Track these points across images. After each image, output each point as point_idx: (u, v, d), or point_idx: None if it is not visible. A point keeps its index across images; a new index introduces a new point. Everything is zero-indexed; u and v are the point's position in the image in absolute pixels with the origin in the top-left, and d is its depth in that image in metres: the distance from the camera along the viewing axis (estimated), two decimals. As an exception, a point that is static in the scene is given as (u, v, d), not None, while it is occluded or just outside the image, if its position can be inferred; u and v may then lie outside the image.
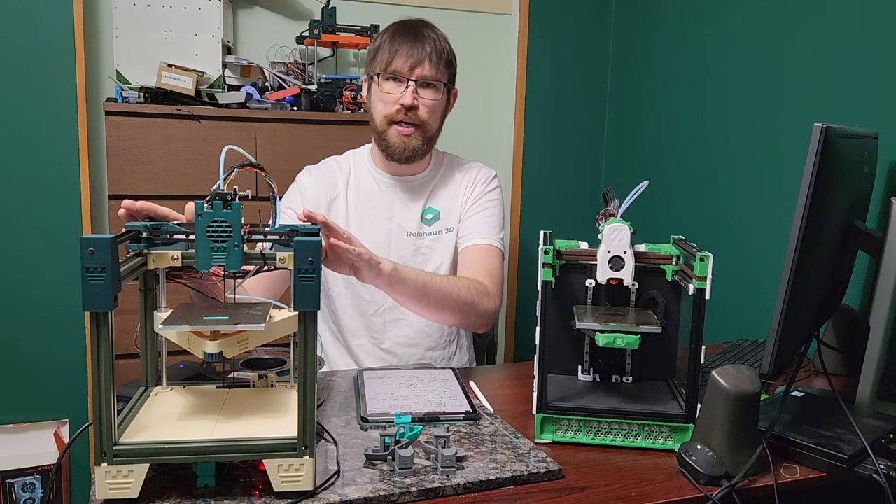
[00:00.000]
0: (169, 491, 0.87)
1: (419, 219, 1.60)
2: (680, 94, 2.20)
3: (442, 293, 1.41)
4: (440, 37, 1.54)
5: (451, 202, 1.62)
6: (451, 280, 1.46)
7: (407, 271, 1.35)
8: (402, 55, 1.48)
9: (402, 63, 1.48)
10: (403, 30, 1.51)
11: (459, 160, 1.68)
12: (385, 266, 1.28)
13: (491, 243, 1.58)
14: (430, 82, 1.50)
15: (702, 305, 1.04)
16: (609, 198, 1.15)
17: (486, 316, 1.49)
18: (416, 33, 1.51)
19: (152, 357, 1.03)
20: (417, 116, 1.50)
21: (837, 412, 1.13)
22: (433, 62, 1.49)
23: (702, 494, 0.95)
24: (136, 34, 2.03)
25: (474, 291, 1.46)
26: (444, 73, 1.53)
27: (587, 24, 2.60)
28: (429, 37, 1.51)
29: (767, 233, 1.83)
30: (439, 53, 1.51)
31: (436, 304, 1.41)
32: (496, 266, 1.57)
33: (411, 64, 1.48)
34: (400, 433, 0.98)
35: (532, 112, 2.60)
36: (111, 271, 0.78)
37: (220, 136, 2.01)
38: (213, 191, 0.87)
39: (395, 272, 1.31)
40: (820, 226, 1.03)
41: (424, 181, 1.62)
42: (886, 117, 1.50)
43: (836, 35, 1.64)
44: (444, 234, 1.60)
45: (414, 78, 1.48)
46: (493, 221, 1.60)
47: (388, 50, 1.50)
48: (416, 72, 1.48)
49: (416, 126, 1.51)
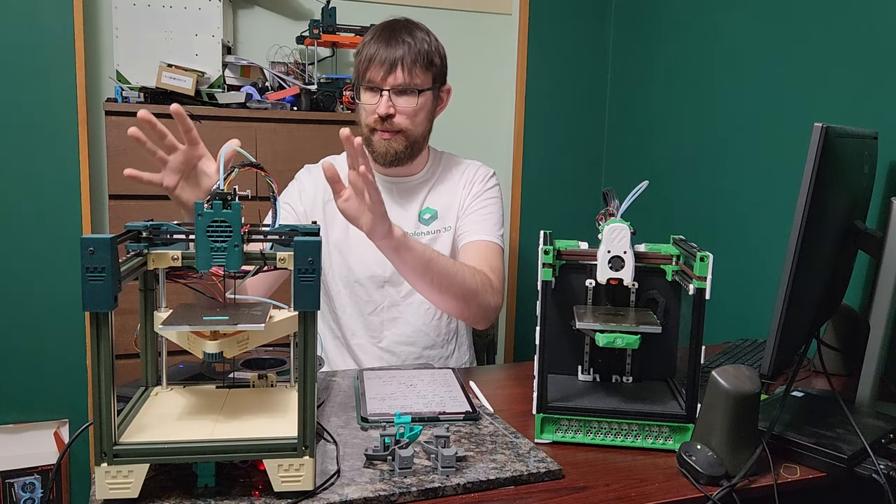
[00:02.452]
0: (169, 491, 0.87)
1: (416, 219, 1.59)
2: (680, 93, 2.20)
3: (447, 272, 1.39)
4: (419, 38, 1.49)
5: (449, 201, 1.61)
6: (458, 264, 1.44)
7: (415, 242, 1.34)
8: (376, 64, 1.46)
9: (375, 72, 1.47)
10: (381, 35, 1.49)
11: (457, 159, 1.68)
12: (396, 229, 1.28)
13: (491, 240, 1.57)
14: (405, 89, 1.47)
15: (702, 305, 1.04)
16: (609, 198, 1.15)
17: (488, 309, 1.47)
18: (392, 38, 1.47)
19: (152, 357, 1.03)
20: (395, 125, 1.48)
21: (837, 412, 1.13)
22: (406, 68, 1.46)
23: (702, 494, 0.95)
24: (136, 34, 2.03)
25: (479, 281, 1.44)
26: (421, 76, 1.49)
27: (587, 24, 2.60)
28: (403, 41, 1.47)
29: (767, 233, 1.83)
30: (414, 57, 1.47)
31: (439, 284, 1.38)
32: (498, 262, 1.56)
33: (383, 73, 1.46)
34: (400, 433, 0.98)
35: (532, 112, 2.60)
36: (111, 271, 0.78)
37: (220, 136, 2.00)
38: (213, 191, 0.87)
39: (404, 237, 1.30)
40: (820, 226, 1.03)
41: (422, 181, 1.61)
42: (886, 117, 1.50)
43: (836, 35, 1.64)
44: (441, 233, 1.60)
45: (387, 87, 1.46)
46: (493, 219, 1.60)
47: (364, 58, 1.49)
48: (389, 80, 1.46)
49: (396, 132, 1.50)
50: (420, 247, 1.34)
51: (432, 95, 1.53)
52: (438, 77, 1.54)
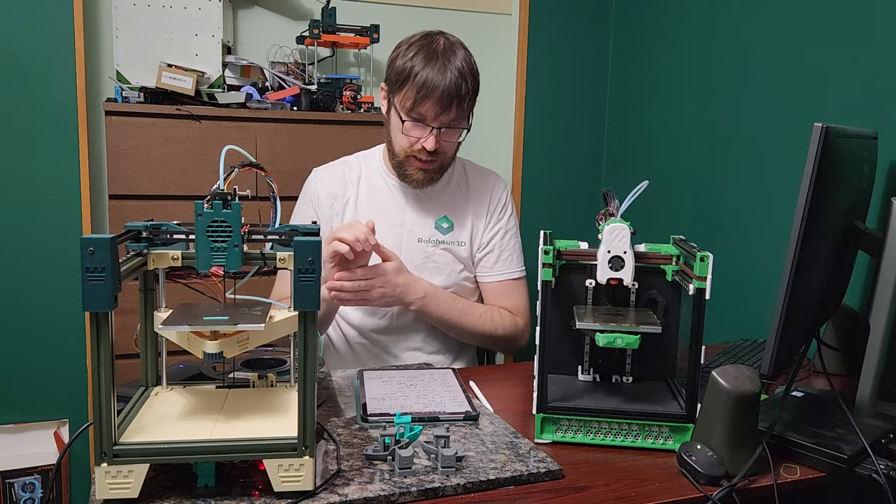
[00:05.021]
0: (169, 491, 0.87)
1: (433, 226, 1.59)
2: (680, 93, 2.20)
3: (472, 332, 1.54)
4: (469, 67, 1.44)
5: (464, 215, 1.61)
6: (485, 316, 1.54)
7: (434, 306, 1.46)
8: (432, 100, 1.40)
9: (429, 108, 1.41)
10: (432, 64, 1.40)
11: (474, 167, 1.67)
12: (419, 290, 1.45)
13: (518, 276, 1.64)
14: (454, 125, 1.46)
15: (702, 305, 1.04)
16: (609, 198, 1.15)
17: (515, 349, 1.62)
18: (444, 67, 1.40)
19: (152, 357, 1.03)
20: (437, 156, 1.48)
21: (837, 412, 1.13)
22: (462, 108, 1.43)
23: (702, 494, 0.95)
24: (136, 34, 2.03)
25: (509, 328, 1.57)
26: (468, 110, 1.47)
27: (587, 24, 2.60)
28: (458, 72, 1.41)
29: (767, 233, 1.83)
30: (469, 94, 1.43)
31: (463, 336, 1.55)
32: (525, 296, 1.64)
33: (438, 110, 1.41)
34: (400, 433, 0.98)
35: (532, 112, 2.60)
36: (111, 271, 0.78)
37: (220, 136, 2.01)
38: (213, 191, 0.87)
39: (422, 307, 1.45)
40: (820, 226, 1.03)
41: (438, 188, 1.60)
42: (886, 117, 1.50)
43: (836, 35, 1.64)
44: (455, 245, 1.59)
45: (439, 125, 1.43)
46: (517, 250, 1.65)
47: (415, 87, 1.40)
48: (442, 118, 1.43)
49: (434, 160, 1.49)
50: (440, 309, 1.48)
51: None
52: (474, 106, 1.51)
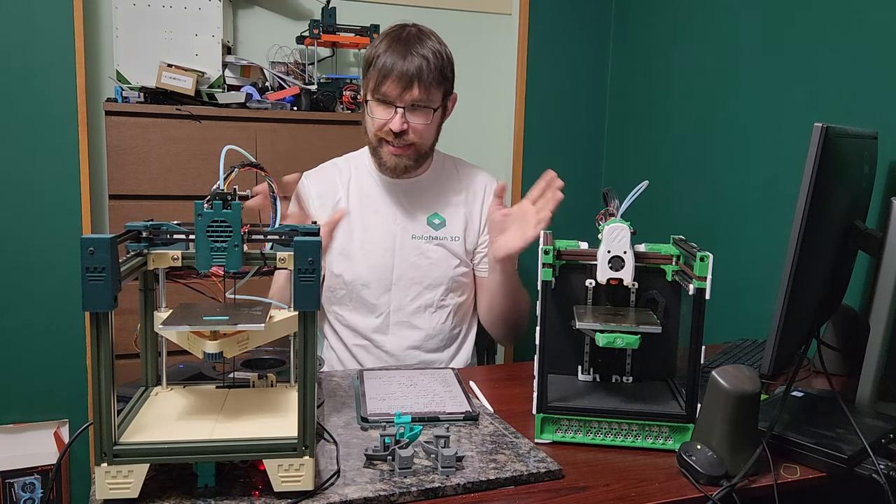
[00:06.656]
0: (169, 491, 0.87)
1: (425, 222, 1.59)
2: (680, 93, 2.20)
3: (523, 300, 1.60)
4: (434, 50, 1.46)
5: (456, 211, 1.61)
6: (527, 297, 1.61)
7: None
8: (392, 79, 1.42)
9: (390, 87, 1.43)
10: (396, 46, 1.44)
11: (463, 164, 1.68)
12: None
13: None
14: (419, 105, 1.46)
15: (702, 305, 1.04)
16: (609, 198, 1.15)
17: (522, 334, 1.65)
18: (407, 51, 1.43)
19: (152, 357, 1.03)
20: (406, 139, 1.48)
21: (837, 412, 1.13)
22: (424, 86, 1.43)
23: (702, 494, 0.95)
24: (136, 34, 2.03)
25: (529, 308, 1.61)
26: (436, 92, 1.47)
27: (587, 24, 2.60)
28: (419, 54, 1.43)
29: (767, 233, 1.83)
30: (431, 73, 1.44)
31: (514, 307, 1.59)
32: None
33: (400, 89, 1.42)
34: (400, 433, 0.98)
35: (532, 112, 2.60)
36: (111, 271, 0.78)
37: (220, 136, 2.01)
38: (213, 191, 0.87)
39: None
40: (820, 226, 1.03)
41: (426, 184, 1.61)
42: (886, 117, 1.50)
43: (836, 35, 1.64)
44: (449, 241, 1.60)
45: (402, 104, 1.44)
46: None
47: (379, 69, 1.43)
48: (405, 97, 1.43)
49: (406, 146, 1.49)
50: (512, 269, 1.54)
51: (443, 108, 1.53)
52: (449, 89, 1.53)
